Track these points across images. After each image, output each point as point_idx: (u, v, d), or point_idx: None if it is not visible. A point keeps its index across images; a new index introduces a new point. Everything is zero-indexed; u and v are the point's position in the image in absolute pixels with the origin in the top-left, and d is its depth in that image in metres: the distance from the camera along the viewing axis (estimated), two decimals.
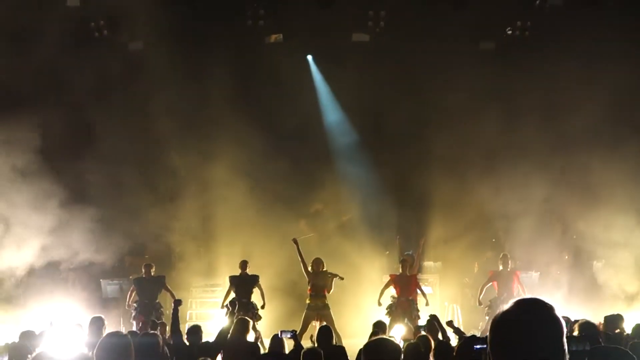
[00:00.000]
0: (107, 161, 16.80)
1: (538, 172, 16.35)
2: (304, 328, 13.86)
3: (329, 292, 14.26)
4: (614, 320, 10.39)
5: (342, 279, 14.38)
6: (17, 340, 9.44)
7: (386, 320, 13.35)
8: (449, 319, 10.24)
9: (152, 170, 17.48)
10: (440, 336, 9.56)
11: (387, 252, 18.49)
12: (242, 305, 14.21)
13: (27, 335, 9.43)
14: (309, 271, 14.40)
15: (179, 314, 10.44)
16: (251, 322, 10.17)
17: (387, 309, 14.43)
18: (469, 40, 17.93)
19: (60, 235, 15.38)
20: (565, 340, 2.45)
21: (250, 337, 10.01)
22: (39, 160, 15.30)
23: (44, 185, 15.20)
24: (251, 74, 18.24)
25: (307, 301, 14.22)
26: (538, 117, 16.71)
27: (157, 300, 15.02)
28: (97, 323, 10.11)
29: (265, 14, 17.93)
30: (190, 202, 17.59)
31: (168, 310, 15.01)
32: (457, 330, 9.00)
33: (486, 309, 14.86)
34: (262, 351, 10.12)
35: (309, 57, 19.85)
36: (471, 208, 16.83)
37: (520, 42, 18.09)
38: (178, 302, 10.75)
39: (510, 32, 18.10)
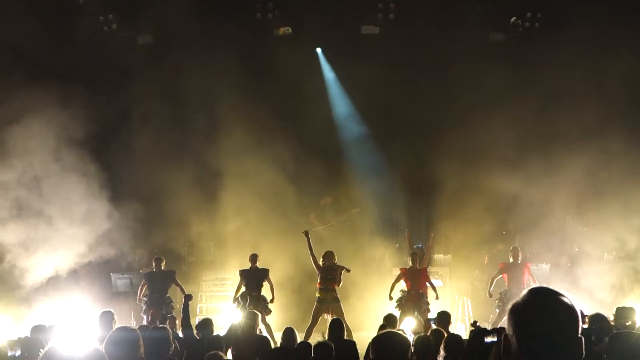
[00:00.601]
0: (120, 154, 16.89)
1: (548, 165, 16.27)
2: (314, 322, 13.85)
3: (338, 285, 14.21)
4: (625, 313, 10.31)
5: (348, 271, 14.32)
6: (28, 334, 9.46)
7: (396, 313, 13.34)
8: (474, 320, 10.21)
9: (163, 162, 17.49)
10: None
11: (397, 245, 18.47)
12: (252, 299, 14.26)
13: (38, 329, 9.45)
14: (319, 264, 14.36)
15: (189, 308, 10.47)
16: (260, 316, 10.18)
17: (397, 302, 14.42)
18: (479, 31, 17.85)
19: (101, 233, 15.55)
20: (580, 327, 2.51)
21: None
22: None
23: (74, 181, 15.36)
24: (260, 67, 18.19)
25: (317, 294, 14.18)
26: (548, 109, 16.64)
27: (168, 295, 15.04)
28: (107, 317, 10.12)
29: (274, 6, 17.92)
30: (199, 196, 17.56)
31: (178, 304, 15.06)
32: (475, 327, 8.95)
33: (496, 301, 14.82)
34: (272, 345, 10.13)
35: (318, 50, 19.81)
36: (482, 200, 16.74)
37: (530, 34, 18.01)
38: (188, 297, 10.80)
39: (518, 22, 18.02)
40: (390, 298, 14.53)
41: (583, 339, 2.50)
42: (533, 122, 16.68)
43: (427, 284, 14.66)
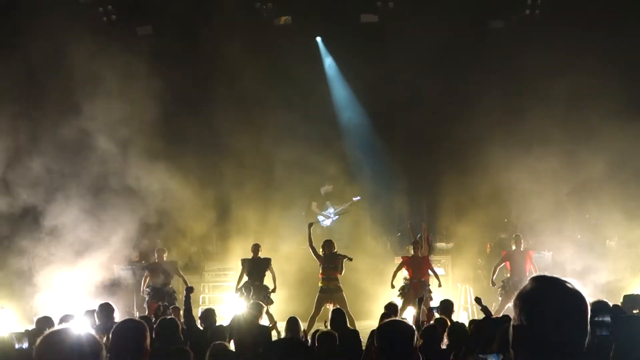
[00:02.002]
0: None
1: (550, 152, 16.25)
2: (317, 311, 13.86)
3: (340, 274, 14.20)
4: (633, 300, 10.23)
5: (350, 259, 14.30)
6: (34, 327, 9.49)
7: (398, 302, 13.36)
8: (477, 296, 10.15)
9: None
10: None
11: (399, 234, 18.48)
12: (254, 289, 14.26)
13: (43, 321, 9.47)
14: (319, 255, 14.34)
15: (191, 300, 10.49)
16: (265, 308, 10.20)
17: (399, 290, 14.42)
18: (478, 18, 17.83)
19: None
20: (588, 313, 2.53)
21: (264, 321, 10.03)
22: None
23: None
24: (260, 56, 18.15)
25: (320, 284, 14.18)
26: (550, 96, 16.61)
27: (170, 285, 15.07)
28: (106, 309, 10.14)
29: None
30: (200, 186, 17.54)
31: (181, 295, 15.05)
32: (484, 309, 8.95)
33: (499, 289, 14.83)
34: (275, 335, 10.15)
35: (318, 39, 19.80)
36: (484, 188, 16.73)
37: (530, 21, 17.97)
38: (190, 290, 10.82)
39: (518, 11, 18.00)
40: (393, 286, 14.53)
41: (589, 324, 2.51)
42: (534, 110, 16.66)
43: (430, 272, 14.65)
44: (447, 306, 10.46)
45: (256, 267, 14.64)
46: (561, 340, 2.46)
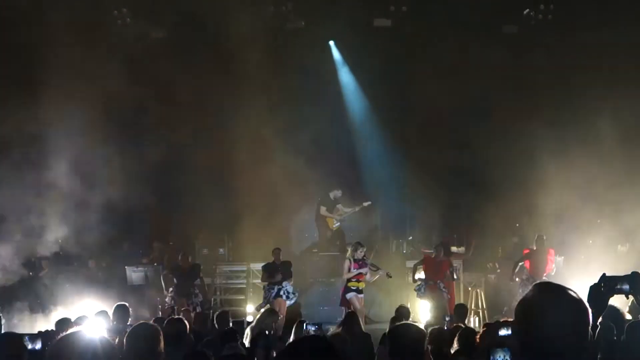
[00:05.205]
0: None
1: (560, 156, 16.20)
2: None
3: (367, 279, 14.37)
4: None
5: (390, 276, 14.71)
6: (53, 328, 9.52)
7: (411, 302, 13.48)
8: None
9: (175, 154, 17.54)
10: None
11: (410, 238, 18.50)
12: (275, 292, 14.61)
13: (63, 323, 9.51)
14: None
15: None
16: (279, 316, 10.30)
17: (415, 290, 14.66)
18: (491, 23, 17.82)
19: None
20: (589, 321, 2.54)
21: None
22: None
23: None
24: (272, 60, 18.18)
25: (350, 284, 14.21)
26: (563, 100, 16.60)
27: (193, 288, 15.27)
28: (122, 310, 10.19)
29: None
30: (212, 188, 17.60)
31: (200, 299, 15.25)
32: None
33: (519, 289, 14.80)
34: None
35: (331, 43, 19.82)
36: (496, 193, 16.68)
37: (543, 25, 17.94)
38: (208, 303, 10.88)
39: (532, 14, 17.92)
40: (413, 280, 14.97)
41: (590, 332, 2.53)
42: (546, 113, 16.65)
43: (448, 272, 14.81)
44: (461, 311, 10.52)
45: (278, 271, 14.88)
46: (560, 349, 2.46)
